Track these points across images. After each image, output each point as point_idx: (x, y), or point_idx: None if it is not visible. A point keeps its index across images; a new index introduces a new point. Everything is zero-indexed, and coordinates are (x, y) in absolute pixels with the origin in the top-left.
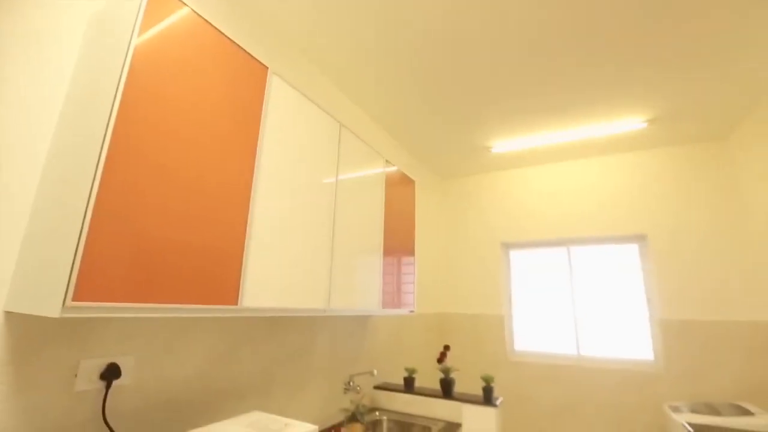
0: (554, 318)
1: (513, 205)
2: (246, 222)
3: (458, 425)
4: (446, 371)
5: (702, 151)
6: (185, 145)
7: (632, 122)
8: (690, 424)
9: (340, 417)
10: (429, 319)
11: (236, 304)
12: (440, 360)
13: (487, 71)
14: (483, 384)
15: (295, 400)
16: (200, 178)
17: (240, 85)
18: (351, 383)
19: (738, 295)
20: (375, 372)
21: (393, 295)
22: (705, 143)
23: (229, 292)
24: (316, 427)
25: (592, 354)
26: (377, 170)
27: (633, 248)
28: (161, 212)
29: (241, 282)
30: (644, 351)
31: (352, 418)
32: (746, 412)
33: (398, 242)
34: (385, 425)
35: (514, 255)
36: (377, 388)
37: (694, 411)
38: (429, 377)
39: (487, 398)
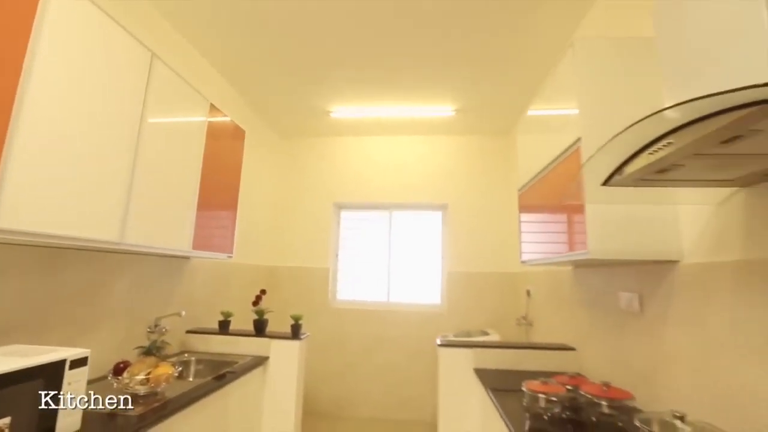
0: (372, 271)
1: (347, 170)
2: (5, 130)
3: (266, 358)
4: (260, 313)
5: (492, 141)
6: None
7: (444, 109)
8: (440, 341)
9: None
10: (258, 271)
11: None
12: (255, 303)
13: (327, 35)
14: (292, 322)
15: (80, 341)
16: None
17: None
18: (157, 325)
19: (497, 253)
20: (183, 313)
21: (208, 238)
22: (495, 135)
23: None
24: (87, 350)
25: (398, 300)
26: (200, 115)
27: (438, 215)
28: None
29: None
30: (435, 296)
31: (147, 352)
32: (485, 334)
33: (219, 185)
34: (193, 365)
35: (345, 215)
36: (190, 332)
37: (456, 336)
38: (250, 322)
39: (295, 334)
